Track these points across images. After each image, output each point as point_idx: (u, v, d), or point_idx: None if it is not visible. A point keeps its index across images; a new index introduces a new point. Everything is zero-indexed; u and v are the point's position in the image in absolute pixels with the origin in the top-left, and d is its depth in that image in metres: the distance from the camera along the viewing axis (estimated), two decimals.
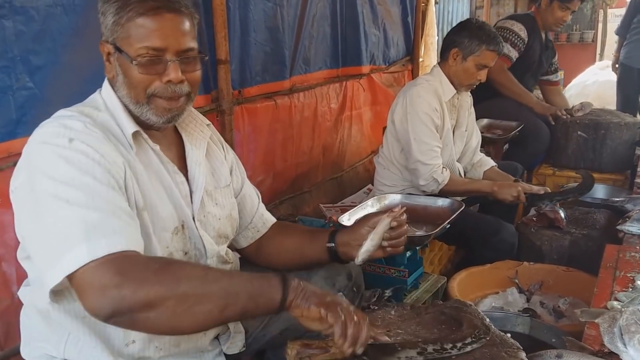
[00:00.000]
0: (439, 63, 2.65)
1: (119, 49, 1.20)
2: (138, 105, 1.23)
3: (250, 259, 1.59)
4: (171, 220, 1.27)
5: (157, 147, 1.27)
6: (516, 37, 3.62)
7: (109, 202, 1.09)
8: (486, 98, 3.60)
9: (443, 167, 2.48)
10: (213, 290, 1.07)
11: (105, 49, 1.24)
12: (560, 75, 4.25)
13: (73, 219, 1.05)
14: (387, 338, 1.21)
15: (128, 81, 1.22)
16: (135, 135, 1.23)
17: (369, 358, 1.17)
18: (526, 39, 3.68)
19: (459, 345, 1.29)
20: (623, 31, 5.05)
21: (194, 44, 1.24)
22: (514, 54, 3.67)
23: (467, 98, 2.79)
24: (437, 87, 2.55)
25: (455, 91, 2.59)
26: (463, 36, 2.51)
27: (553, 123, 3.66)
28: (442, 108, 2.56)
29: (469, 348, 1.30)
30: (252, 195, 1.59)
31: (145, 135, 1.26)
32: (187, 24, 1.23)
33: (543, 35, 3.86)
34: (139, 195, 1.19)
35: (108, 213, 1.08)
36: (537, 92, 4.24)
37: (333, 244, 1.47)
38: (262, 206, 1.61)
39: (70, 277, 1.04)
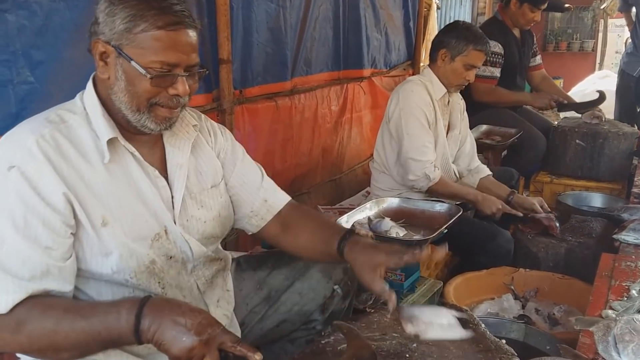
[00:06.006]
0: (428, 64, 2.67)
1: (124, 55, 1.17)
2: (138, 113, 1.21)
3: (273, 241, 1.55)
4: (149, 228, 1.25)
5: (137, 153, 1.25)
6: (493, 55, 3.58)
7: (13, 255, 1.10)
8: (484, 107, 3.61)
9: (435, 165, 2.48)
10: (64, 346, 1.10)
11: (100, 49, 1.19)
12: (539, 60, 4.14)
13: None
14: (256, 357, 1.08)
15: (132, 90, 1.19)
16: (111, 141, 1.21)
17: None
18: (502, 51, 3.66)
19: None
20: None
21: (198, 59, 1.24)
22: (497, 72, 3.66)
23: (458, 100, 2.80)
24: (428, 86, 2.58)
25: (445, 90, 2.61)
26: (451, 37, 2.53)
27: (557, 110, 3.69)
28: (434, 105, 2.58)
29: None
30: (249, 183, 1.50)
31: (123, 141, 1.23)
32: (196, 40, 1.23)
33: (515, 32, 3.84)
34: (97, 212, 1.17)
35: (4, 269, 1.09)
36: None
37: (348, 264, 1.42)
38: (265, 190, 1.52)
39: None
